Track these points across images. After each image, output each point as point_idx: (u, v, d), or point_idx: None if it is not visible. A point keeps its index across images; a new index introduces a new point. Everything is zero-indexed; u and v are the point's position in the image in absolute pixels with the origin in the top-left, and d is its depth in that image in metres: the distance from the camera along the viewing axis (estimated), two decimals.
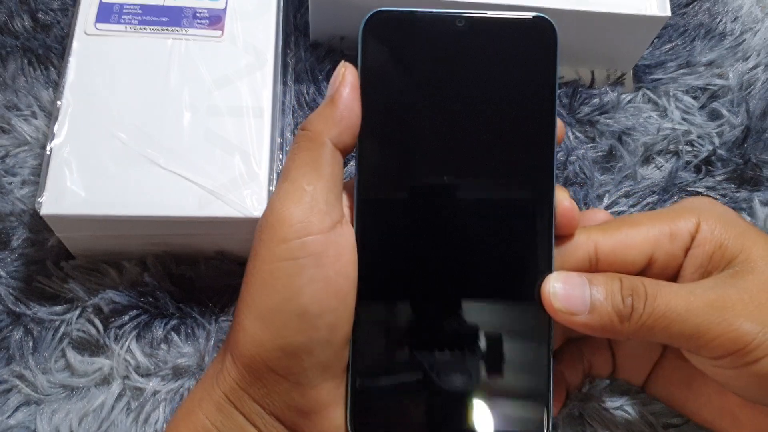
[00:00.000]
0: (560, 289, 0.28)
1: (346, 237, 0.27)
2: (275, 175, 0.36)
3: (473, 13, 0.29)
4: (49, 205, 0.32)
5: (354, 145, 0.28)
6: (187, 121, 0.34)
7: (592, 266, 0.29)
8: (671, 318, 0.26)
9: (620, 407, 0.33)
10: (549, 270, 0.28)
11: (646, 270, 0.29)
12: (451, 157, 0.28)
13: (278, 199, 0.27)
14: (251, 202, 0.33)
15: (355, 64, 0.28)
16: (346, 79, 0.28)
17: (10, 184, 0.38)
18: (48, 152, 0.33)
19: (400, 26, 0.28)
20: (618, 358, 0.33)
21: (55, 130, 0.34)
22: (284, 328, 0.26)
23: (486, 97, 0.28)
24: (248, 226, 0.33)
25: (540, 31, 0.29)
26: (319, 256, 0.26)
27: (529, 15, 0.29)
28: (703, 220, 0.29)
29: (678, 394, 0.31)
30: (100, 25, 0.36)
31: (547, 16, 0.29)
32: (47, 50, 0.42)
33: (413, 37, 0.28)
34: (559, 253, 0.29)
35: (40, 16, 0.43)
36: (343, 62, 0.29)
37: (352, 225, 0.28)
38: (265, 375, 0.27)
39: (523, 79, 0.29)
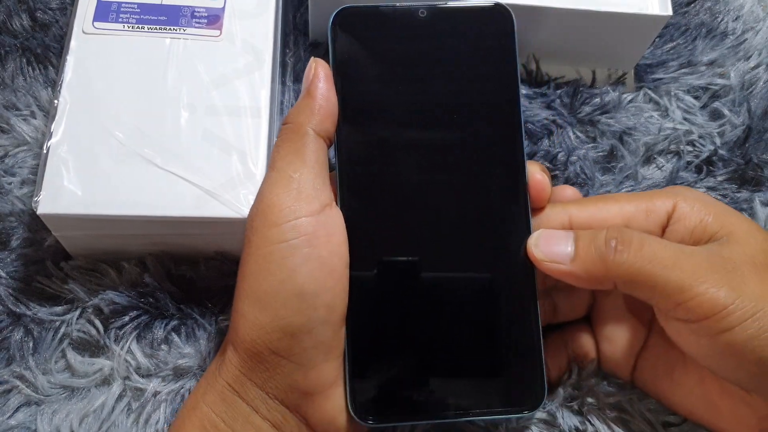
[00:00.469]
0: (543, 239, 0.29)
1: (335, 219, 0.28)
2: None
3: (434, 3, 0.31)
4: (46, 204, 0.32)
5: (334, 131, 0.30)
6: (185, 121, 0.34)
7: None
8: (658, 267, 0.26)
9: (618, 403, 0.33)
10: (529, 233, 0.30)
11: None
12: (424, 138, 0.30)
13: (267, 187, 0.29)
14: (248, 203, 0.33)
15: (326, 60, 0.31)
16: (319, 71, 0.30)
17: (10, 184, 0.38)
18: (45, 151, 0.33)
19: (365, 20, 0.31)
20: (601, 348, 0.33)
21: (52, 129, 0.34)
22: (283, 308, 0.27)
23: (452, 81, 0.30)
24: (245, 226, 0.33)
25: (498, 17, 0.31)
26: (310, 237, 0.27)
27: (487, 3, 0.31)
28: (680, 200, 0.29)
29: (662, 386, 0.31)
30: (98, 24, 0.36)
31: (503, 4, 0.31)
32: (46, 49, 0.42)
33: (379, 29, 0.31)
34: (534, 224, 0.30)
35: (39, 15, 0.43)
36: (313, 58, 0.31)
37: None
38: (266, 358, 0.27)
39: (486, 60, 0.31)
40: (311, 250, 0.27)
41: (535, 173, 0.30)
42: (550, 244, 0.29)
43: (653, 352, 0.32)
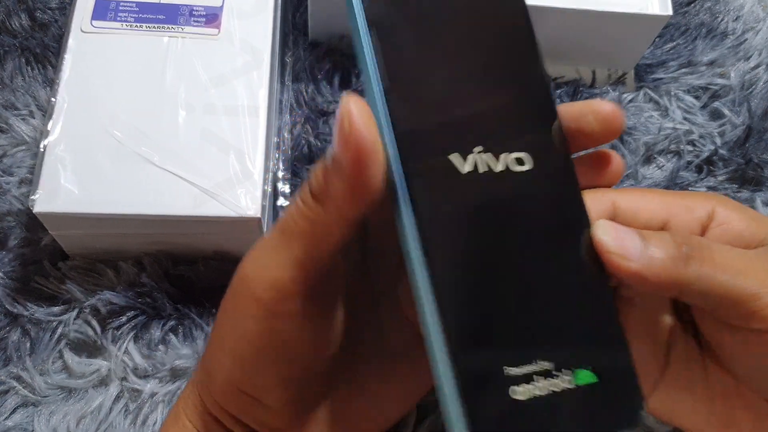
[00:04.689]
0: (612, 229, 0.25)
1: None
2: (270, 175, 0.36)
3: None
4: (43, 202, 0.32)
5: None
6: (183, 120, 0.34)
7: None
8: (730, 275, 0.25)
9: None
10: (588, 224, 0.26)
11: None
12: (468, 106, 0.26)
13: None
14: (245, 202, 0.33)
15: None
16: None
17: (8, 183, 0.38)
18: (42, 149, 0.33)
19: None
20: None
21: (49, 128, 0.33)
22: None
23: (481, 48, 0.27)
24: (242, 225, 0.33)
25: None
26: None
27: None
28: (718, 203, 0.28)
29: (681, 406, 0.30)
30: (96, 23, 0.36)
31: None
32: (45, 49, 0.42)
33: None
34: None
35: (38, 14, 0.43)
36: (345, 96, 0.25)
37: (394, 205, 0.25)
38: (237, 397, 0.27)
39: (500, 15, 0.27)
40: None
41: (602, 104, 0.27)
42: (621, 238, 0.25)
43: (673, 376, 0.30)
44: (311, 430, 0.28)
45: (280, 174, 0.39)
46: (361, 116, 0.23)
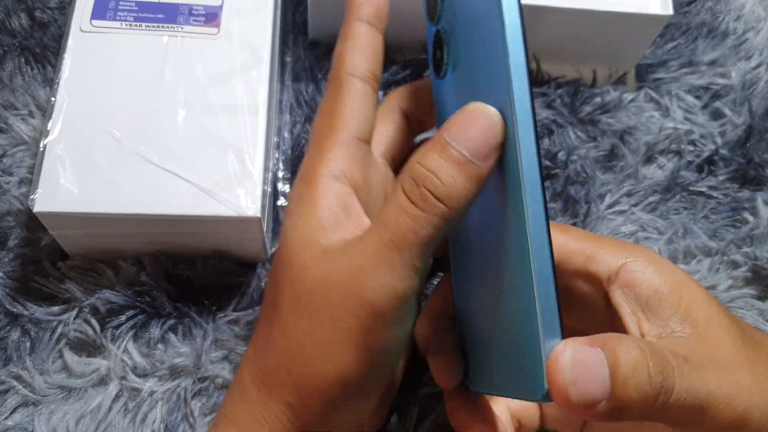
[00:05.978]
0: (574, 373, 0.21)
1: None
2: (270, 174, 0.36)
3: None
4: (42, 202, 0.32)
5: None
6: (182, 119, 0.34)
7: None
8: (708, 398, 0.22)
9: None
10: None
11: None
12: None
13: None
14: (245, 201, 0.33)
15: None
16: None
17: (8, 183, 0.38)
18: (41, 149, 0.33)
19: None
20: (546, 411, 0.31)
21: (49, 127, 0.33)
22: None
23: None
24: (242, 225, 0.33)
25: None
26: None
27: None
28: (631, 259, 0.26)
29: None
30: (95, 22, 0.36)
31: None
32: (44, 49, 0.41)
33: None
34: None
35: (38, 14, 0.43)
36: None
37: None
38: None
39: None
40: None
41: None
42: (584, 379, 0.21)
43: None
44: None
45: (280, 174, 0.39)
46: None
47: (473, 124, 0.23)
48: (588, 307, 0.27)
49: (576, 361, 0.21)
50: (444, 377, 0.28)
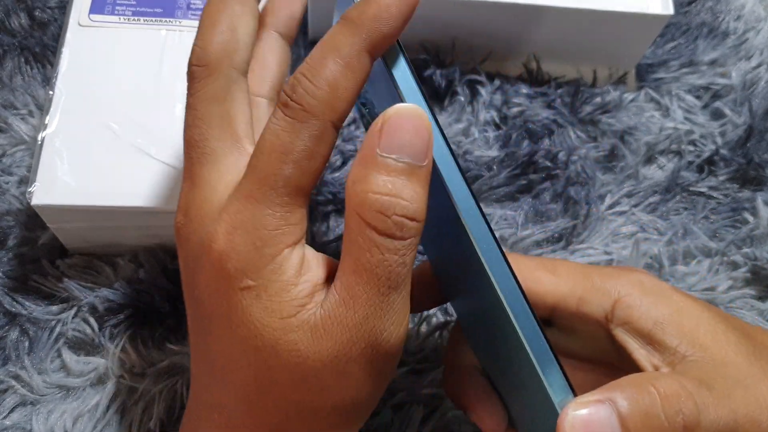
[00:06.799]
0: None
1: None
2: None
3: None
4: (40, 195, 0.32)
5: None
6: (180, 112, 0.34)
7: None
8: (744, 424, 0.22)
9: None
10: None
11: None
12: None
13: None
14: None
15: None
16: None
17: (7, 183, 0.38)
18: (39, 142, 0.33)
19: None
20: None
21: (47, 121, 0.33)
22: None
23: None
24: None
25: None
26: None
27: None
28: (626, 292, 0.25)
29: None
30: (94, 17, 0.36)
31: None
32: (44, 48, 0.41)
33: None
34: None
35: (37, 14, 0.43)
36: None
37: None
38: None
39: None
40: None
41: None
42: None
43: None
44: None
45: None
46: None
47: (402, 127, 0.21)
48: (598, 341, 0.26)
49: (584, 423, 0.21)
50: (492, 427, 0.27)
